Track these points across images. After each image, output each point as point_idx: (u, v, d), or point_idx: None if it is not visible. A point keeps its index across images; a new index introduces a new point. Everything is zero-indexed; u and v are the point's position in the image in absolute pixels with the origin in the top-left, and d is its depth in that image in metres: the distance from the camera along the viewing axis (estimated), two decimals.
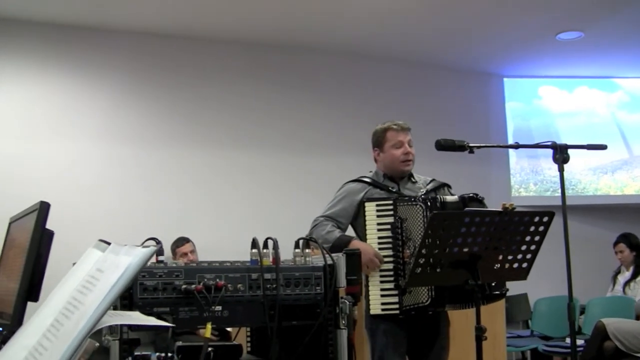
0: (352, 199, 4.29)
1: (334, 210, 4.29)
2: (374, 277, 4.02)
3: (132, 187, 7.19)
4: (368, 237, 4.07)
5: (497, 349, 5.28)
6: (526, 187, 9.08)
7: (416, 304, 3.92)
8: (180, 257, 6.67)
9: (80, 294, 1.48)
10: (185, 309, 2.25)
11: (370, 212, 4.09)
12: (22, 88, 6.95)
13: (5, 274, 3.00)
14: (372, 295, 4.02)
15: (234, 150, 7.62)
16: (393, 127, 4.38)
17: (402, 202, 4.06)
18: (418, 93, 8.45)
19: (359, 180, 4.39)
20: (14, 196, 4.70)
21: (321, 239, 4.13)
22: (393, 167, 4.35)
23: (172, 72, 7.52)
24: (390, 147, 4.35)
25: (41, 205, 2.63)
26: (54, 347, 1.36)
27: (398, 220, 4.02)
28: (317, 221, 4.27)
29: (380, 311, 4.01)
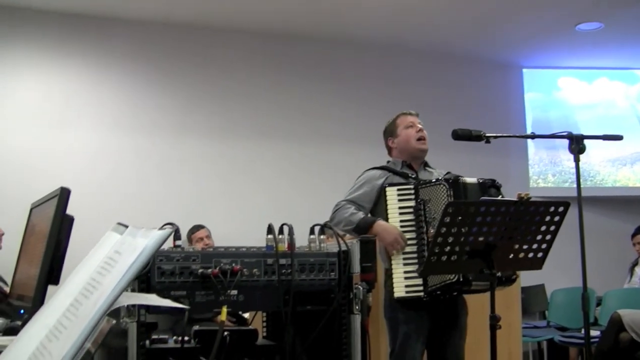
0: (373, 184, 4.32)
1: (355, 195, 4.32)
2: (397, 260, 4.04)
3: (150, 176, 7.25)
4: (390, 222, 4.10)
5: (512, 339, 5.29)
6: (544, 178, 9.07)
7: (443, 282, 3.93)
8: (196, 242, 6.74)
9: (99, 275, 1.52)
10: (201, 293, 2.29)
11: (392, 197, 4.12)
12: (40, 78, 7.03)
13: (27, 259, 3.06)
14: (396, 278, 4.04)
15: (250, 140, 7.66)
16: (402, 113, 4.52)
17: (423, 185, 4.10)
18: (437, 84, 8.44)
19: (378, 167, 4.43)
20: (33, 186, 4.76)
21: (345, 221, 4.17)
22: (408, 148, 4.40)
23: (190, 63, 7.58)
24: (403, 129, 4.43)
25: (61, 191, 2.68)
26: (73, 325, 1.40)
27: (420, 202, 4.05)
28: (340, 205, 4.30)
29: (404, 294, 4.03)
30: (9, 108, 6.84)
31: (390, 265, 4.10)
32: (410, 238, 4.06)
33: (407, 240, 4.04)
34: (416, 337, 4.13)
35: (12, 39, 6.91)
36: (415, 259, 3.99)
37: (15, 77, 6.91)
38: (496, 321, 3.49)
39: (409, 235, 4.06)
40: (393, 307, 4.17)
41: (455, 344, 4.20)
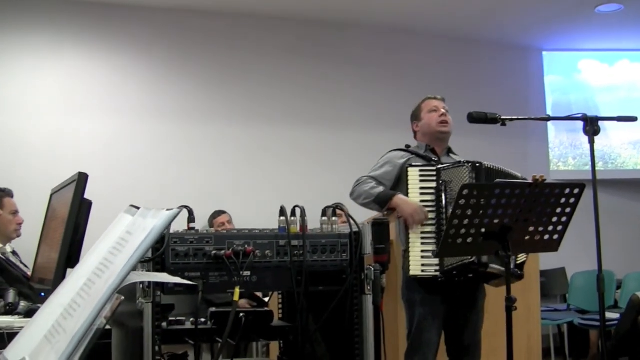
0: (395, 163, 4.35)
1: (377, 173, 4.35)
2: (416, 239, 4.07)
3: (169, 161, 7.30)
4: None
5: (531, 323, 5.29)
6: (565, 161, 9.03)
7: (460, 262, 3.95)
8: (218, 227, 6.80)
9: (111, 255, 1.56)
10: (215, 274, 2.34)
11: (414, 177, 4.14)
12: (64, 64, 7.09)
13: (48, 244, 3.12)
14: (413, 256, 4.06)
15: (268, 124, 7.69)
16: (428, 97, 4.55)
17: (445, 167, 4.12)
18: (456, 68, 8.42)
19: (401, 149, 4.46)
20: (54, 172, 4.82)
21: (365, 194, 4.21)
22: (430, 131, 4.42)
23: (207, 49, 7.60)
24: (427, 113, 4.46)
25: (79, 176, 2.73)
26: (86, 304, 1.44)
27: (442, 183, 4.07)
28: (361, 179, 4.33)
29: (420, 272, 4.04)
30: (29, 95, 6.90)
31: (407, 246, 4.13)
32: (430, 218, 4.08)
33: (427, 219, 4.06)
34: (432, 319, 4.15)
35: (33, 27, 6.97)
36: (434, 239, 4.01)
37: (35, 64, 6.97)
38: (512, 303, 3.50)
39: (429, 216, 4.08)
40: (410, 289, 4.20)
41: (473, 326, 4.22)
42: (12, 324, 2.20)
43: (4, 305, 2.53)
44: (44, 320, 1.61)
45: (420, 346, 4.15)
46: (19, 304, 2.53)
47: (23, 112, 6.83)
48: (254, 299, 5.92)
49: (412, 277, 4.07)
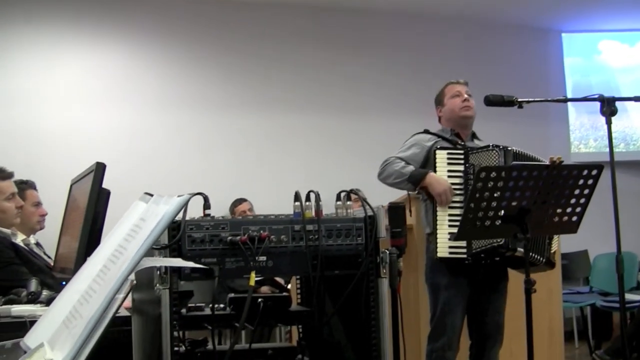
0: (423, 145, 4.36)
1: (405, 154, 4.35)
2: (443, 221, 4.08)
3: (190, 151, 7.35)
4: None
5: (553, 305, 5.29)
6: (586, 144, 8.97)
7: (489, 244, 3.96)
8: (239, 215, 6.84)
9: (126, 241, 1.59)
10: (231, 260, 2.36)
11: (442, 160, 4.15)
12: (83, 56, 7.14)
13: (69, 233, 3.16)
14: (440, 238, 4.07)
15: (288, 112, 7.71)
16: (451, 82, 4.55)
17: (474, 151, 4.13)
18: (476, 51, 8.39)
19: (427, 132, 4.46)
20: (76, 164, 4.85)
21: (396, 173, 4.23)
22: (453, 116, 4.43)
23: (229, 38, 7.64)
24: (450, 98, 4.47)
25: (97, 166, 2.76)
26: (101, 289, 1.47)
27: (470, 166, 4.08)
28: (389, 159, 4.33)
29: (447, 254, 4.06)
30: (52, 86, 6.97)
31: (433, 229, 4.14)
32: (457, 201, 4.09)
33: (454, 202, 4.07)
34: (456, 302, 4.16)
35: (52, 18, 7.03)
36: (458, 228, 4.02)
37: (53, 56, 7.03)
38: (531, 285, 3.50)
39: (457, 199, 4.09)
40: (434, 272, 4.22)
41: (496, 309, 4.23)
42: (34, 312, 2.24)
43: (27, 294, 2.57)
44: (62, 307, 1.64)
45: (444, 330, 4.16)
46: (41, 293, 2.57)
47: (43, 104, 6.89)
48: (276, 285, 5.97)
49: (439, 258, 4.08)
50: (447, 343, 4.14)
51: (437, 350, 4.16)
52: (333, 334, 2.72)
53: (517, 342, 4.14)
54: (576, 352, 7.46)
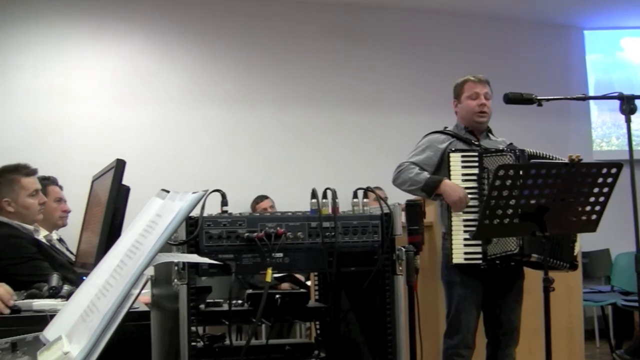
0: (436, 147, 4.35)
1: (418, 158, 4.34)
2: (458, 226, 4.09)
3: (214, 148, 7.38)
4: None
5: (573, 304, 5.27)
6: (608, 141, 8.93)
7: (504, 252, 3.97)
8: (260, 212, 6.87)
9: (142, 237, 1.62)
10: (248, 256, 2.38)
11: (455, 163, 4.15)
12: (105, 53, 7.19)
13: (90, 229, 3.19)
14: (456, 244, 4.08)
15: (311, 108, 7.74)
16: (471, 79, 4.47)
17: (488, 154, 4.12)
18: (496, 48, 8.37)
19: (441, 131, 4.45)
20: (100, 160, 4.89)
21: (410, 181, 4.22)
22: (468, 118, 4.41)
23: (252, 34, 7.66)
24: (467, 98, 4.42)
25: (118, 163, 2.79)
26: (118, 284, 1.50)
27: (484, 170, 4.08)
28: (403, 165, 4.32)
29: (463, 260, 4.07)
30: (77, 83, 7.03)
31: (448, 230, 4.15)
32: (471, 205, 4.09)
33: (469, 207, 4.08)
34: (471, 300, 4.17)
35: (79, 16, 7.09)
36: (476, 226, 4.01)
37: (82, 53, 7.09)
38: (549, 284, 3.50)
39: (471, 203, 4.09)
40: (450, 271, 4.22)
41: (510, 308, 4.23)
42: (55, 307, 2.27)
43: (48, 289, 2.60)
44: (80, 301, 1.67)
45: (459, 327, 4.17)
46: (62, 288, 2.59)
47: (68, 101, 6.96)
48: (296, 282, 5.99)
49: (454, 264, 4.09)
50: (462, 341, 4.14)
51: (453, 348, 4.17)
52: (350, 331, 2.74)
53: (536, 340, 4.14)
54: (597, 351, 7.42)
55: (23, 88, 6.85)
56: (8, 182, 4.21)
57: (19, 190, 4.19)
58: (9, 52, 6.87)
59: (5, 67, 6.85)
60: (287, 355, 2.69)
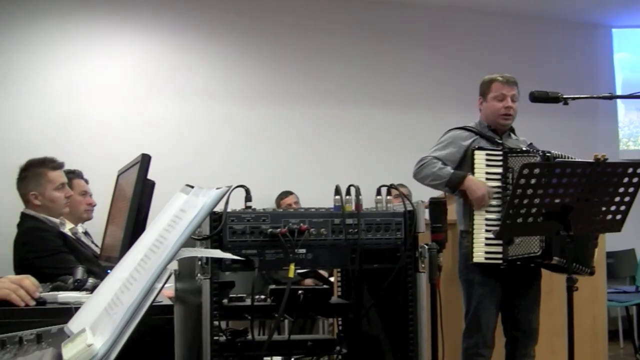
0: (459, 144, 4.33)
1: (440, 154, 4.33)
2: (480, 225, 4.08)
3: (239, 143, 7.41)
4: None
5: (597, 304, 5.25)
6: (635, 140, 8.86)
7: (526, 254, 3.96)
8: (285, 208, 6.88)
9: (166, 231, 1.63)
10: (271, 252, 2.39)
11: (480, 161, 4.14)
12: (131, 48, 7.24)
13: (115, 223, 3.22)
14: (477, 243, 4.08)
15: (336, 105, 7.74)
16: (499, 79, 4.42)
17: (513, 153, 4.11)
18: (523, 46, 8.33)
19: (464, 128, 4.43)
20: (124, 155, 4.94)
21: (433, 175, 4.22)
22: (493, 119, 4.39)
23: (278, 30, 7.69)
24: (493, 99, 4.39)
25: (143, 157, 2.81)
26: (141, 277, 1.51)
27: (508, 170, 4.07)
28: (426, 159, 4.31)
29: (483, 259, 4.07)
30: (102, 78, 7.08)
31: (468, 228, 4.14)
32: (494, 205, 4.08)
33: (492, 206, 4.07)
34: (491, 299, 4.17)
35: (106, 12, 7.13)
36: (498, 226, 4.00)
37: (108, 48, 7.14)
38: (573, 283, 3.49)
39: (494, 202, 4.09)
40: (468, 270, 4.22)
41: (529, 308, 4.22)
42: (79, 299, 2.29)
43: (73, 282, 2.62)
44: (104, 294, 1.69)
45: (478, 327, 4.17)
46: (87, 281, 2.61)
47: (93, 96, 7.02)
48: (319, 278, 6.01)
49: (476, 263, 4.08)
50: (481, 340, 4.14)
51: (472, 347, 4.17)
52: (372, 327, 2.75)
53: (559, 340, 4.13)
54: (621, 352, 7.38)
55: (50, 84, 6.90)
56: (35, 175, 4.26)
57: (46, 183, 4.24)
58: (36, 48, 6.93)
59: (34, 64, 6.90)
60: (309, 350, 2.69)
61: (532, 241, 3.97)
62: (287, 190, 7.26)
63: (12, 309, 2.21)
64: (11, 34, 6.87)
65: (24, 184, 4.28)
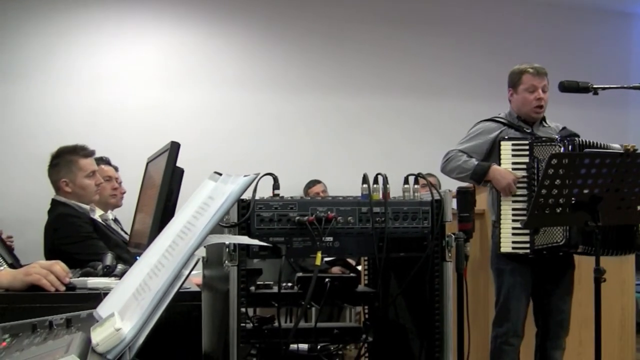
0: (487, 136, 4.34)
1: (467, 146, 4.35)
2: (507, 215, 4.08)
3: (268, 132, 7.42)
4: None
5: (625, 296, 5.22)
6: None
7: (550, 244, 3.95)
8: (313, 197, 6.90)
9: (194, 218, 1.65)
10: (298, 239, 2.40)
11: (506, 151, 4.14)
12: (162, 37, 7.28)
13: (144, 210, 3.26)
14: (504, 233, 4.08)
15: (364, 94, 7.74)
16: (529, 71, 4.39)
17: (539, 142, 4.09)
18: (555, 34, 8.27)
19: (493, 119, 4.43)
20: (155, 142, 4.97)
21: (458, 168, 4.23)
22: (524, 111, 4.37)
23: (309, 19, 7.69)
24: (524, 90, 4.37)
25: (172, 145, 2.84)
26: (169, 263, 1.53)
27: (534, 160, 4.05)
28: (451, 153, 4.34)
29: (510, 249, 4.07)
30: (128, 68, 7.13)
31: (498, 218, 4.13)
32: (521, 195, 4.07)
33: (518, 196, 4.06)
34: (521, 288, 4.16)
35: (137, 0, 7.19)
36: (525, 215, 3.99)
37: (139, 36, 7.20)
38: (601, 275, 3.48)
39: (520, 192, 4.08)
40: (499, 259, 4.21)
41: (561, 297, 4.21)
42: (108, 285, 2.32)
43: (102, 268, 2.66)
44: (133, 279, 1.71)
45: (508, 315, 4.16)
46: (116, 267, 2.65)
47: (125, 84, 7.06)
48: (347, 266, 6.01)
49: (503, 253, 4.08)
50: (511, 329, 4.14)
51: (501, 336, 4.17)
52: (398, 316, 2.75)
53: (586, 331, 4.12)
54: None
55: (80, 72, 6.95)
56: (66, 162, 4.30)
57: (77, 171, 4.29)
58: (68, 37, 6.98)
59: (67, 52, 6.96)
60: (335, 338, 2.71)
61: (555, 231, 3.95)
62: (315, 179, 7.28)
63: (43, 293, 2.25)
64: (41, 23, 6.93)
65: (55, 170, 4.32)
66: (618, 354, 5.08)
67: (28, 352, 1.54)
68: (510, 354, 4.17)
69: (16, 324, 1.83)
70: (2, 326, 1.83)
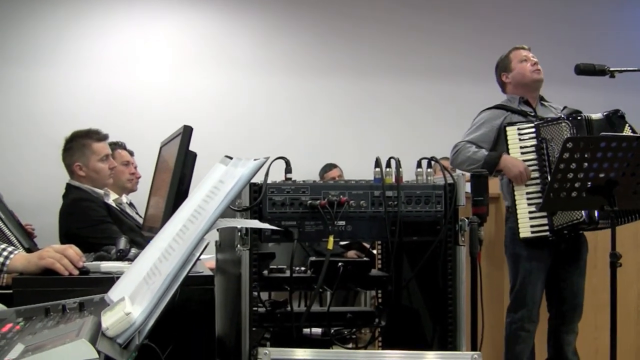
0: (492, 124, 4.33)
1: (474, 136, 4.33)
2: (521, 199, 4.06)
3: (281, 115, 7.40)
4: None
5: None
6: None
7: (571, 222, 3.92)
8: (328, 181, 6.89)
9: (205, 202, 1.65)
10: (310, 223, 2.40)
11: (513, 136, 4.12)
12: (173, 20, 7.24)
13: (158, 194, 3.26)
14: (521, 218, 4.06)
15: (378, 77, 7.67)
16: (515, 47, 4.56)
17: (544, 123, 4.07)
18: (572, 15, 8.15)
19: (496, 107, 4.42)
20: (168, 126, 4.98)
21: (468, 160, 4.21)
22: (524, 81, 4.40)
23: (321, 2, 7.64)
24: (518, 63, 4.47)
25: (185, 129, 2.83)
26: (179, 247, 1.53)
27: (542, 141, 4.03)
28: (459, 145, 4.32)
29: (530, 234, 4.04)
30: (141, 51, 7.11)
31: (512, 203, 4.11)
32: (533, 177, 4.05)
33: (531, 180, 4.04)
34: (537, 274, 4.14)
35: None
36: (540, 198, 3.97)
37: (150, 21, 7.17)
38: (617, 259, 3.45)
39: (533, 175, 4.05)
40: (515, 243, 4.19)
41: (574, 281, 4.19)
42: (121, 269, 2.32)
43: (116, 252, 2.66)
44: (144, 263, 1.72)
45: (524, 301, 4.14)
46: (130, 251, 2.65)
47: (137, 69, 7.04)
48: (362, 250, 6.00)
49: (523, 239, 4.05)
50: (526, 315, 4.12)
51: (517, 322, 4.15)
52: (411, 300, 2.75)
53: (602, 315, 4.09)
54: None
55: (93, 56, 6.95)
56: (80, 146, 4.31)
57: (90, 154, 4.29)
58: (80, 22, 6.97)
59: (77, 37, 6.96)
60: (348, 322, 2.71)
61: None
62: (332, 163, 7.25)
63: (57, 277, 2.25)
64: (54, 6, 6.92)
65: (69, 154, 4.33)
66: (634, 339, 5.05)
67: (40, 335, 1.55)
68: (526, 339, 4.16)
69: (30, 307, 1.84)
70: (16, 310, 1.84)
